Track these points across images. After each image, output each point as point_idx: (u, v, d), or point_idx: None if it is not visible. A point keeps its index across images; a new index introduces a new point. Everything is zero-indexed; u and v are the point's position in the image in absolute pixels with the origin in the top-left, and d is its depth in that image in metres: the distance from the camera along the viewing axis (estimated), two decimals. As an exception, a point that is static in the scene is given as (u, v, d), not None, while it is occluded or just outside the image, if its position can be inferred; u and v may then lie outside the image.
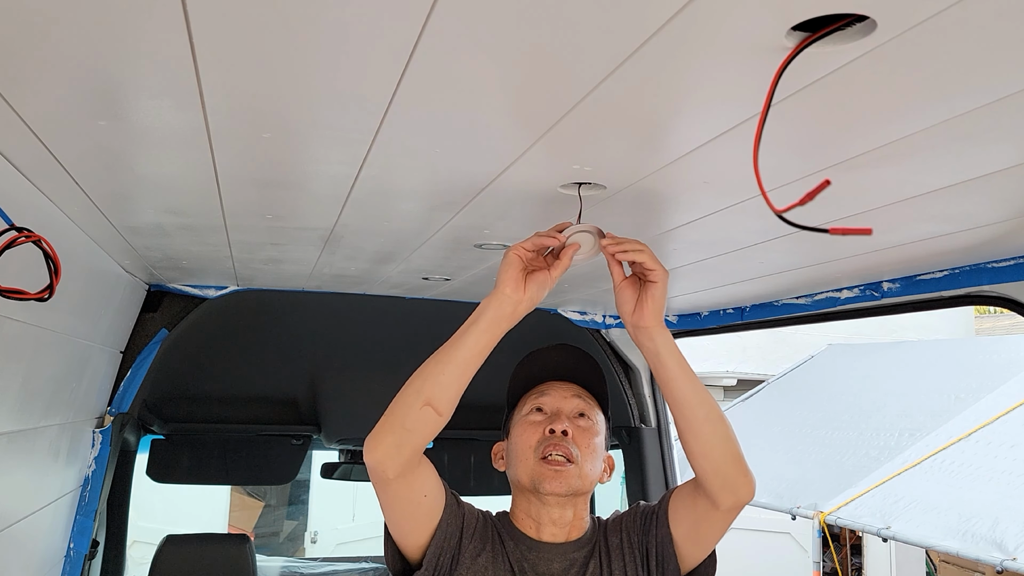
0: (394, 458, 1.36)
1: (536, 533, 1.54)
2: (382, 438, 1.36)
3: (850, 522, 5.61)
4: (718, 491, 1.40)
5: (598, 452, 1.58)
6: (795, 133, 0.96)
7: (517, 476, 1.56)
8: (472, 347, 1.33)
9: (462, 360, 1.33)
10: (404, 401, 1.35)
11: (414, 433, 1.35)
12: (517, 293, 1.30)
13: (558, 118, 0.93)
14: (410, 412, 1.34)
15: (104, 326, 2.11)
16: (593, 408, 1.62)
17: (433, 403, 1.33)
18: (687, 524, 1.49)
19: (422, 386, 1.34)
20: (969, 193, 1.18)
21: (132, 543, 3.39)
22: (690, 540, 1.49)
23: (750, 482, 1.42)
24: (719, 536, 1.50)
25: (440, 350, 1.36)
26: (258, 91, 0.87)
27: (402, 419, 1.35)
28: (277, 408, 3.28)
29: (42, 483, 1.88)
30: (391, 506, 1.46)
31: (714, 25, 0.69)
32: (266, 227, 1.61)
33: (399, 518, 1.48)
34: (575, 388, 1.63)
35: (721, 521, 1.45)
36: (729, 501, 1.41)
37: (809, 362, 8.49)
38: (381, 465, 1.37)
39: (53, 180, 1.25)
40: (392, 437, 1.36)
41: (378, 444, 1.37)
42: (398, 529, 1.50)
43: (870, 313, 2.04)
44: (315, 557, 5.07)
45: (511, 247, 1.30)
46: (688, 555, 1.50)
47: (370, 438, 1.38)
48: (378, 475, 1.39)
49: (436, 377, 1.34)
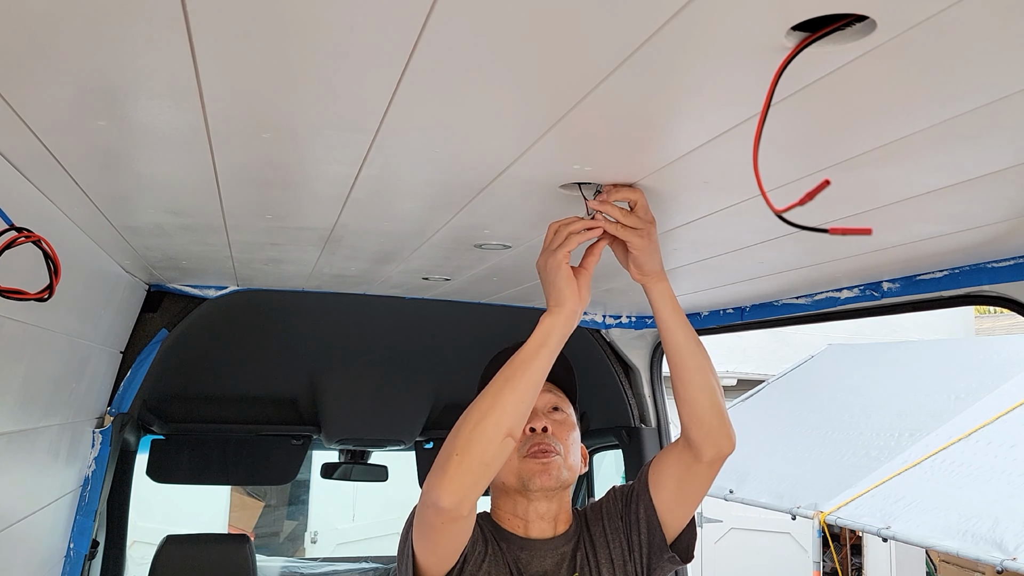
0: (472, 496, 1.30)
1: (524, 531, 1.55)
2: (462, 479, 1.27)
3: (850, 522, 5.61)
4: (702, 441, 1.46)
5: (577, 443, 1.63)
6: (795, 133, 0.96)
7: (503, 478, 1.56)
8: (545, 368, 1.29)
9: (537, 383, 1.29)
10: (482, 436, 1.26)
11: (494, 467, 1.29)
12: (581, 305, 1.28)
13: (558, 118, 0.93)
14: (491, 447, 1.26)
15: (104, 326, 2.11)
16: (564, 401, 1.66)
17: (513, 432, 1.28)
18: (671, 484, 1.53)
19: (502, 419, 1.26)
20: (969, 193, 1.18)
21: (132, 543, 3.39)
22: (674, 501, 1.53)
23: (730, 435, 1.48)
24: (701, 494, 1.54)
25: (513, 379, 1.28)
26: (258, 91, 0.87)
27: (482, 455, 1.26)
28: (277, 408, 3.28)
29: (42, 483, 1.88)
30: (447, 540, 1.39)
31: (714, 25, 0.69)
32: (266, 227, 1.61)
33: (445, 550, 1.41)
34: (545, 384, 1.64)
35: (703, 475, 1.51)
36: (711, 452, 1.47)
37: (809, 362, 8.49)
38: (459, 507, 1.29)
39: (53, 180, 1.25)
40: (471, 476, 1.27)
41: (458, 486, 1.27)
42: (438, 561, 1.42)
43: (870, 313, 2.04)
44: (315, 557, 5.07)
45: (558, 258, 1.24)
46: (672, 521, 1.54)
47: (445, 481, 1.27)
48: (452, 515, 1.31)
49: (516, 407, 1.27)
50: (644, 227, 1.25)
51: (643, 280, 1.38)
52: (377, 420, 3.23)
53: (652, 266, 1.35)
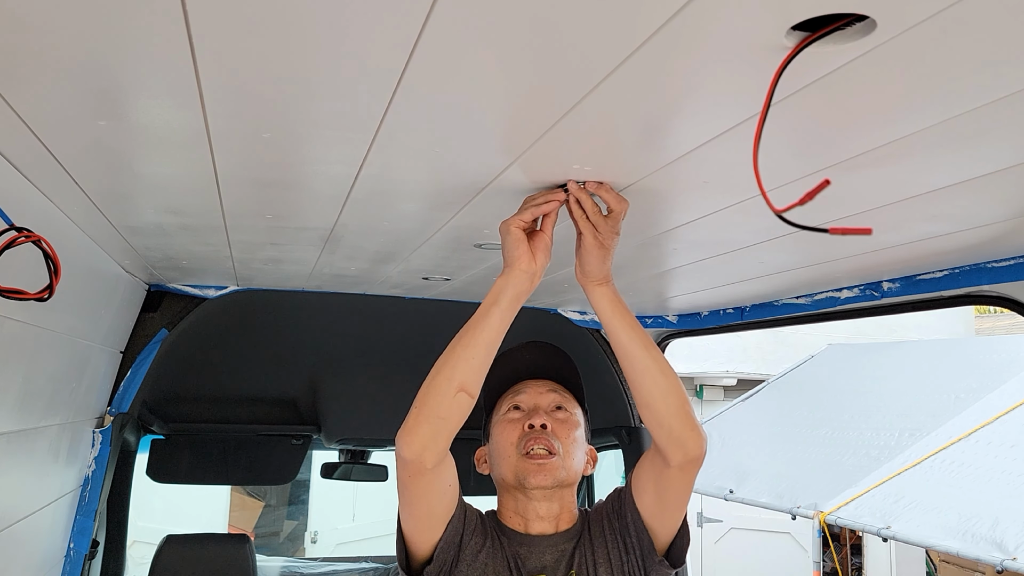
0: (432, 448, 1.37)
1: (524, 528, 1.57)
2: (419, 430, 1.36)
3: (850, 522, 5.60)
4: (666, 445, 1.42)
5: (579, 443, 1.61)
6: (795, 133, 0.97)
7: (502, 475, 1.58)
8: (497, 327, 1.34)
9: (489, 341, 1.34)
10: (436, 390, 1.35)
11: (450, 420, 1.36)
12: (531, 265, 1.31)
13: (558, 118, 0.93)
14: (444, 400, 1.34)
15: (104, 326, 2.11)
16: (570, 401, 1.65)
17: (466, 387, 1.35)
18: (649, 491, 1.51)
19: (453, 373, 1.34)
20: (969, 193, 1.18)
21: (132, 543, 3.39)
22: (656, 506, 1.51)
23: (697, 436, 1.42)
24: (681, 500, 1.51)
25: (464, 335, 1.36)
26: (258, 91, 0.87)
27: (436, 408, 1.35)
28: (277, 408, 3.28)
29: (42, 483, 1.88)
30: (418, 498, 1.46)
31: (714, 25, 0.69)
32: (266, 227, 1.61)
33: (423, 511, 1.48)
34: (550, 384, 1.67)
35: (677, 480, 1.46)
36: (678, 456, 1.42)
37: (809, 362, 8.49)
38: (420, 457, 1.37)
39: (53, 180, 1.25)
40: (429, 427, 1.35)
41: (415, 437, 1.36)
42: (417, 524, 1.49)
43: (870, 313, 2.04)
44: (315, 557, 5.07)
45: (509, 222, 1.29)
46: (658, 526, 1.52)
47: (404, 433, 1.37)
48: (416, 467, 1.39)
49: (468, 362, 1.34)
50: (604, 232, 1.27)
51: (583, 281, 1.38)
52: (377, 420, 3.22)
53: (595, 272, 1.35)
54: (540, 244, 1.31)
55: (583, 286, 1.39)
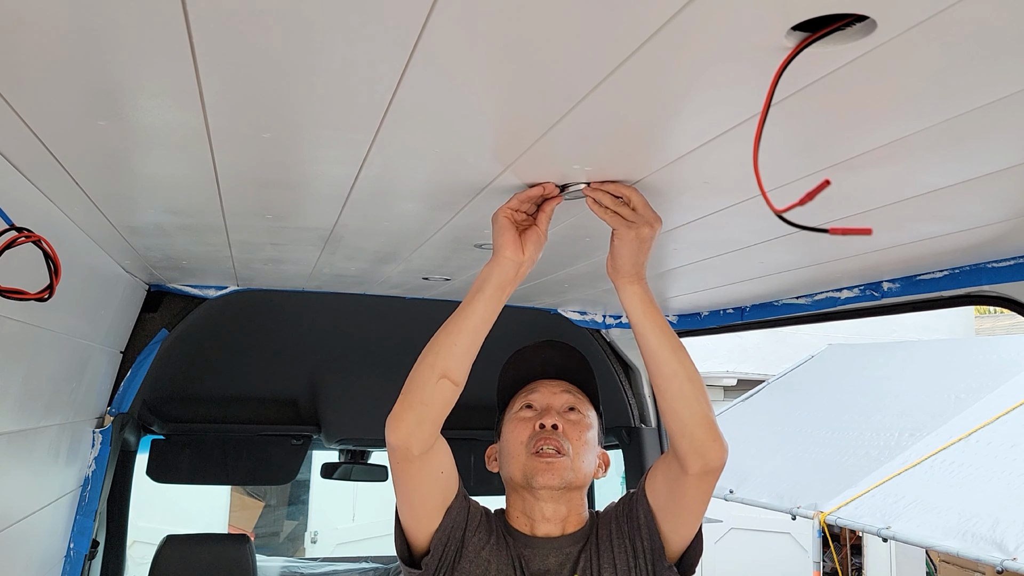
0: (417, 434, 1.38)
1: (530, 529, 1.55)
2: (404, 416, 1.38)
3: (850, 522, 5.60)
4: (686, 453, 1.38)
5: (590, 446, 1.59)
6: (795, 133, 0.96)
7: (510, 473, 1.57)
8: (482, 315, 1.34)
9: (472, 329, 1.35)
10: (420, 377, 1.36)
11: (433, 407, 1.37)
12: (518, 255, 1.31)
13: (558, 118, 0.93)
14: (427, 387, 1.35)
15: (104, 326, 2.11)
16: (583, 403, 1.64)
17: (449, 375, 1.35)
18: (664, 494, 1.48)
19: (435, 360, 1.35)
20: (969, 193, 1.18)
21: (132, 543, 3.39)
22: (670, 513, 1.48)
23: (720, 447, 1.38)
24: (697, 510, 1.48)
25: (449, 322, 1.36)
26: (258, 91, 0.87)
27: (420, 395, 1.36)
28: (277, 408, 3.28)
29: (42, 483, 1.88)
30: (410, 486, 1.46)
31: (714, 25, 0.69)
32: (266, 227, 1.61)
33: (417, 499, 1.48)
34: (564, 384, 1.65)
35: (694, 489, 1.43)
36: (697, 465, 1.38)
37: (809, 362, 8.49)
38: (405, 443, 1.38)
39: (53, 180, 1.25)
40: (413, 414, 1.37)
41: (400, 423, 1.38)
42: (412, 512, 1.50)
43: (870, 313, 2.04)
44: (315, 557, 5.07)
45: (499, 211, 1.28)
46: (671, 534, 1.49)
47: (391, 419, 1.39)
48: (402, 454, 1.40)
49: (449, 349, 1.35)
50: (635, 219, 1.25)
51: (613, 277, 1.36)
52: (377, 420, 3.21)
53: (626, 267, 1.33)
54: (531, 236, 1.31)
55: (613, 282, 1.37)
